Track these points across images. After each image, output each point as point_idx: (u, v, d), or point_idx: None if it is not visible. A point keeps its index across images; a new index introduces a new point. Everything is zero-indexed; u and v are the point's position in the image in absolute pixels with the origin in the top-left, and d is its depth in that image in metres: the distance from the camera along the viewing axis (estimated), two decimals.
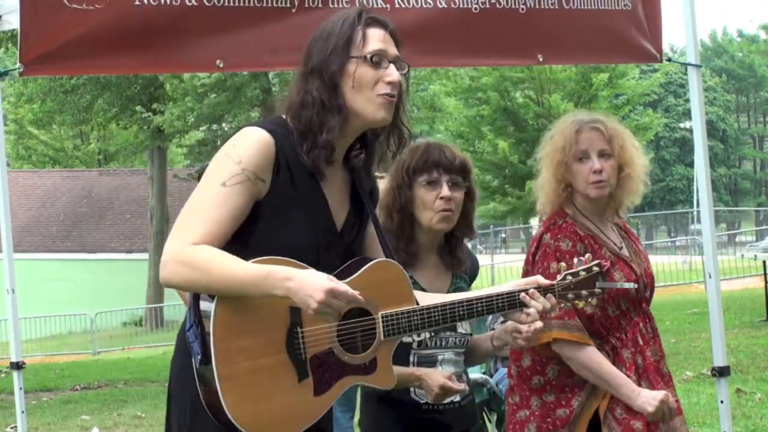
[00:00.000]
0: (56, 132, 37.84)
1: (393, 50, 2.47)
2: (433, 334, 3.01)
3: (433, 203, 3.02)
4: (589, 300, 2.81)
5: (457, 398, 3.05)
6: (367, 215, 2.61)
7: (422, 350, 3.02)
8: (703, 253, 6.12)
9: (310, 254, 2.38)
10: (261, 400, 2.28)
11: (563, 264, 2.80)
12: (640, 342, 3.26)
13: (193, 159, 28.75)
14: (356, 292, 2.27)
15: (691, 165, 51.67)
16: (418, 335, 2.97)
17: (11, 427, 8.89)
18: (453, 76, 26.89)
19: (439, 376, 2.90)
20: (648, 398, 3.12)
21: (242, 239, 2.35)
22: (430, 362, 3.02)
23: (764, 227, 54.63)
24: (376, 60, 2.42)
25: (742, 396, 8.04)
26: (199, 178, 8.01)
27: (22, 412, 3.95)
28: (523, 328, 2.78)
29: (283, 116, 2.47)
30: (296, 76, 2.48)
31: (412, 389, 3.00)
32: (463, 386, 2.95)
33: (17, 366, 3.94)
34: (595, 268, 2.78)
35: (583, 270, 2.76)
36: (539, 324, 2.76)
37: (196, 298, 2.35)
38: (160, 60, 3.57)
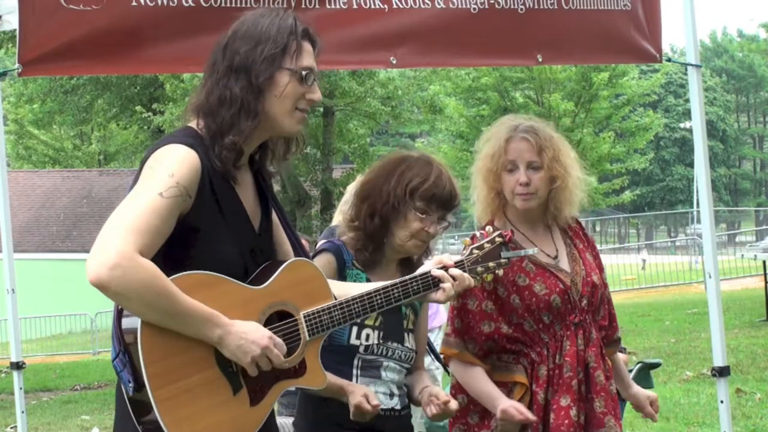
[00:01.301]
0: (56, 132, 37.82)
1: (316, 67, 2.48)
2: (381, 341, 3.00)
3: (417, 232, 3.02)
4: (497, 271, 2.80)
5: (398, 406, 3.04)
6: (271, 210, 2.59)
7: (367, 355, 3.00)
8: (703, 253, 6.13)
9: (238, 265, 2.38)
10: (200, 419, 2.26)
11: (467, 239, 2.79)
12: (558, 358, 3.15)
13: None
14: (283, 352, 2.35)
15: (691, 165, 51.65)
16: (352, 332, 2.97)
17: (11, 427, 8.89)
18: (454, 76, 26.88)
19: (357, 395, 2.88)
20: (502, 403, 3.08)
21: (178, 259, 2.30)
22: (374, 367, 3.01)
23: (764, 227, 54.62)
24: (307, 76, 2.42)
25: (742, 396, 8.04)
26: None
27: (22, 412, 3.94)
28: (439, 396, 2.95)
29: (191, 125, 2.42)
30: (212, 72, 2.42)
31: None
32: (376, 404, 2.89)
33: (17, 366, 3.93)
34: (498, 239, 2.78)
35: (487, 242, 2.77)
36: (453, 405, 2.93)
37: (118, 322, 2.28)
38: (158, 60, 3.57)
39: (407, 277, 2.64)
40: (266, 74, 2.37)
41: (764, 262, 14.60)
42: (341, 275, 3.01)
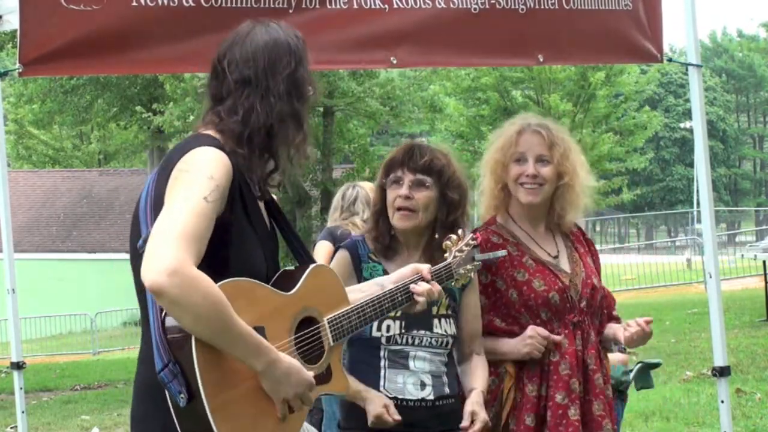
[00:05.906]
0: (56, 132, 37.82)
1: None
2: (404, 330, 3.02)
3: (393, 202, 3.08)
4: (472, 274, 2.92)
5: (431, 396, 3.03)
6: (275, 214, 2.60)
7: (391, 346, 3.03)
8: (703, 253, 6.13)
9: (263, 269, 2.39)
10: (250, 427, 2.26)
11: (447, 242, 2.86)
12: (554, 354, 3.15)
13: None
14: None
15: (691, 165, 51.63)
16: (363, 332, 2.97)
17: (11, 427, 8.89)
18: (454, 76, 26.89)
19: (377, 405, 2.92)
20: (519, 341, 3.13)
21: (222, 264, 2.28)
22: (401, 358, 3.03)
23: (764, 227, 54.58)
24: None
25: (742, 396, 8.04)
26: None
27: (23, 412, 3.94)
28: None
29: (208, 132, 2.41)
30: (248, 85, 2.43)
31: (381, 383, 3.01)
32: (397, 418, 2.92)
33: (17, 366, 3.93)
34: (471, 242, 2.92)
35: (464, 245, 2.90)
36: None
37: (163, 331, 2.24)
38: (158, 60, 3.57)
39: (394, 287, 2.70)
40: (309, 93, 2.48)
41: (764, 262, 14.59)
42: (358, 269, 3.08)
